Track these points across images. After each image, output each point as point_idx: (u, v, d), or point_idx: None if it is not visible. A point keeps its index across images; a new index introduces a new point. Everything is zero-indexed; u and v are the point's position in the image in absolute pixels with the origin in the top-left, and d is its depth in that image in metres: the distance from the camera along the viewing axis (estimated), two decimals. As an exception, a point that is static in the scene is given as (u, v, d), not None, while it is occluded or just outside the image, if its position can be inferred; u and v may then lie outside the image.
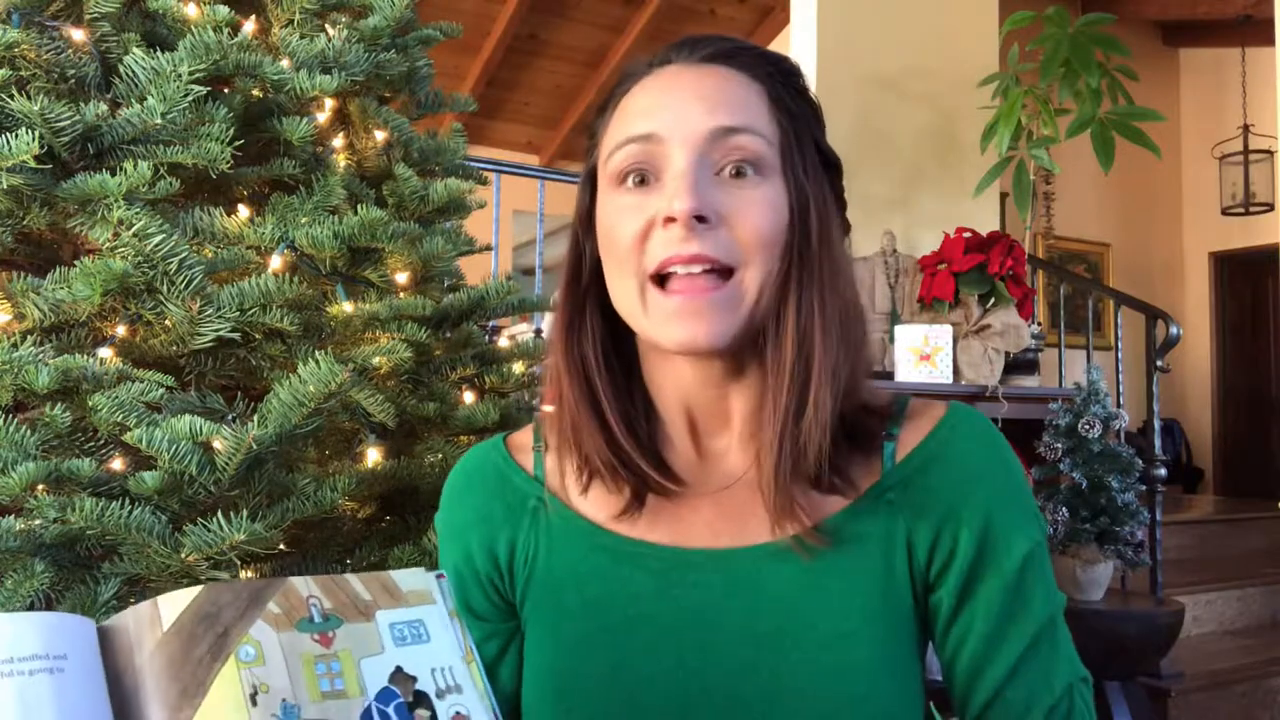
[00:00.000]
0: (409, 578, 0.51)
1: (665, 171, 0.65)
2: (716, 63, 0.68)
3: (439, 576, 0.53)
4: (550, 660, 0.70)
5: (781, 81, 0.69)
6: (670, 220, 0.63)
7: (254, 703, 0.41)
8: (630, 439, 0.68)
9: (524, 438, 0.77)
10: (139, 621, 0.43)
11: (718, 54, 0.68)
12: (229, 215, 1.30)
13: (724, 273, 0.64)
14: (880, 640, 0.65)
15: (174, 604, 0.44)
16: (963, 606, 0.66)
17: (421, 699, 0.47)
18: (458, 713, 0.47)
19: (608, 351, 0.70)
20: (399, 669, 0.47)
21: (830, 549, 0.66)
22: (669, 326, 0.64)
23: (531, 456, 0.76)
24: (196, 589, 0.44)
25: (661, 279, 0.64)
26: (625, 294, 0.66)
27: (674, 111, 0.65)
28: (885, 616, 0.66)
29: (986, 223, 3.67)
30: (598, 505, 0.71)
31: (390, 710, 0.45)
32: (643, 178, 0.66)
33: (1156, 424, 3.27)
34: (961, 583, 0.66)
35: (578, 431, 0.69)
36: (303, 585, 0.47)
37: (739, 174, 0.65)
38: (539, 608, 0.71)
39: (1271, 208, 5.99)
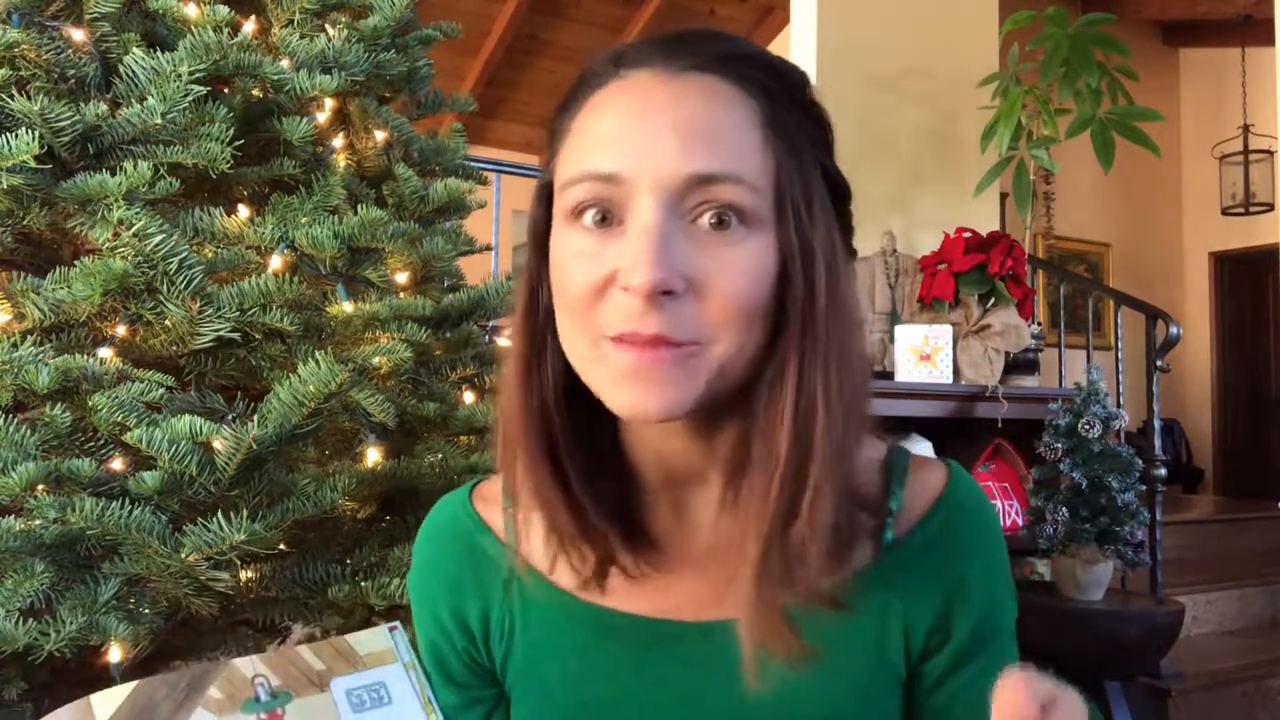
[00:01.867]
0: (366, 639, 0.50)
1: (629, 217, 0.54)
2: (702, 74, 0.55)
3: (392, 629, 0.52)
4: None
5: (784, 97, 0.57)
6: (629, 289, 0.52)
7: None
8: (593, 501, 0.60)
9: (493, 489, 0.70)
10: None
11: (705, 63, 0.56)
12: (229, 215, 1.30)
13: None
14: (871, 713, 0.63)
15: (108, 702, 0.43)
16: (953, 675, 0.64)
17: None
18: None
19: (570, 398, 0.60)
20: None
21: (825, 627, 0.60)
22: (617, 391, 0.54)
23: (501, 516, 0.69)
24: (131, 685, 0.44)
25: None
26: (574, 347, 0.57)
27: (643, 146, 0.53)
28: (876, 694, 0.63)
29: (986, 223, 3.67)
30: (567, 573, 0.64)
31: None
32: (604, 216, 0.55)
33: (1156, 424, 3.27)
34: (955, 657, 0.63)
35: (536, 493, 0.60)
36: (247, 665, 0.46)
37: (720, 224, 0.53)
38: (520, 681, 0.67)
39: (1271, 208, 5.99)
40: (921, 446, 2.77)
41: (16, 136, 1.12)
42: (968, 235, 3.06)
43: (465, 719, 0.68)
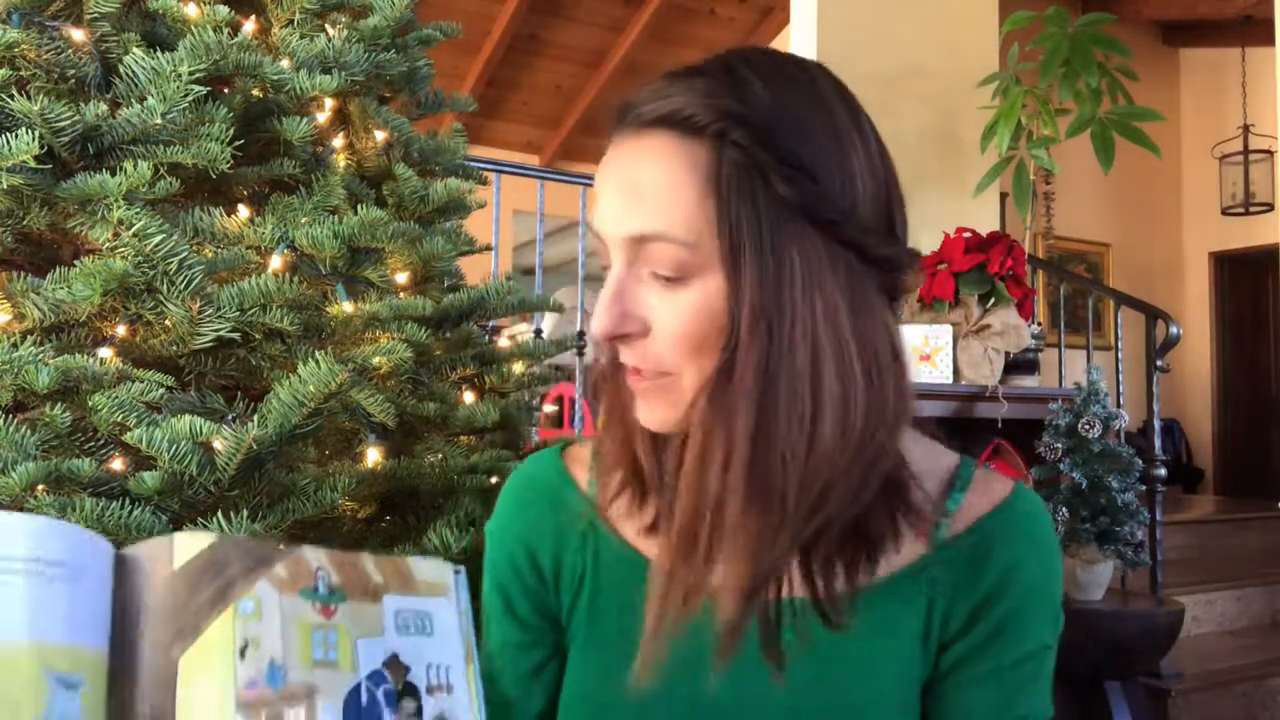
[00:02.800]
0: (426, 567, 0.51)
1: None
2: (653, 129, 0.59)
3: (456, 572, 0.53)
4: (582, 687, 0.69)
5: (754, 140, 0.56)
6: None
7: (242, 655, 0.42)
8: (668, 493, 0.66)
9: (583, 453, 0.75)
10: (152, 557, 0.44)
11: (658, 117, 0.59)
12: (229, 215, 1.30)
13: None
14: (910, 700, 0.66)
15: (188, 547, 0.45)
16: (953, 674, 0.66)
17: (410, 690, 0.47)
18: (441, 715, 0.47)
19: None
20: (395, 656, 0.47)
21: (867, 621, 0.64)
22: (637, 406, 0.64)
23: (587, 473, 0.74)
24: (212, 536, 0.46)
25: None
26: None
27: (603, 207, 0.61)
28: (915, 678, 0.66)
29: (986, 223, 3.67)
30: (647, 544, 0.69)
31: (379, 694, 0.45)
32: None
33: (1156, 424, 3.27)
34: (972, 647, 0.65)
35: (623, 482, 0.68)
36: (314, 557, 0.47)
37: (662, 274, 0.59)
38: (583, 630, 0.70)
39: (1271, 208, 5.99)
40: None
41: (16, 136, 1.12)
42: (968, 235, 3.06)
43: (524, 657, 0.72)
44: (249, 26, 1.41)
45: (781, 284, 0.57)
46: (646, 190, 0.58)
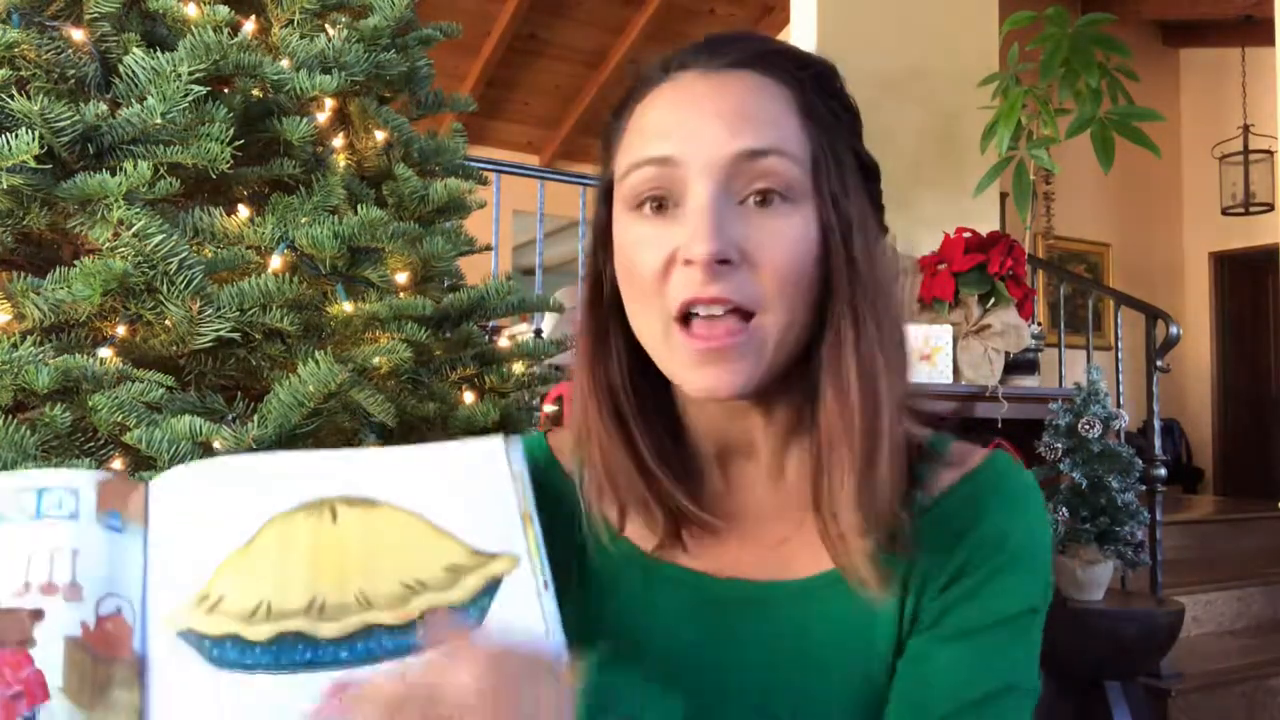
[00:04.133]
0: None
1: (685, 200, 0.60)
2: (740, 69, 0.62)
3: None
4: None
5: (815, 86, 0.63)
6: (691, 262, 0.59)
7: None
8: (665, 471, 0.65)
9: (565, 442, 0.74)
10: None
11: (741, 59, 0.62)
12: (229, 215, 1.30)
13: (746, 315, 0.60)
14: (886, 676, 0.64)
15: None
16: (925, 633, 0.63)
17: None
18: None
19: (635, 377, 0.66)
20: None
21: (820, 603, 0.64)
22: (692, 373, 0.61)
23: (574, 461, 0.72)
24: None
25: (685, 317, 0.60)
26: (648, 331, 0.63)
27: (693, 132, 0.60)
28: (893, 650, 0.64)
29: (986, 223, 3.67)
30: (635, 535, 0.68)
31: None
32: (660, 203, 0.61)
33: (1156, 424, 3.27)
34: (939, 610, 0.63)
35: (609, 465, 0.66)
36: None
37: (764, 202, 0.60)
38: (571, 621, 0.68)
39: (1271, 208, 5.99)
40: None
41: (16, 136, 1.12)
42: (968, 235, 3.06)
43: None
44: (249, 26, 1.41)
45: (864, 219, 0.62)
46: (754, 112, 0.60)
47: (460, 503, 0.58)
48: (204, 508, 0.57)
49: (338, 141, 1.48)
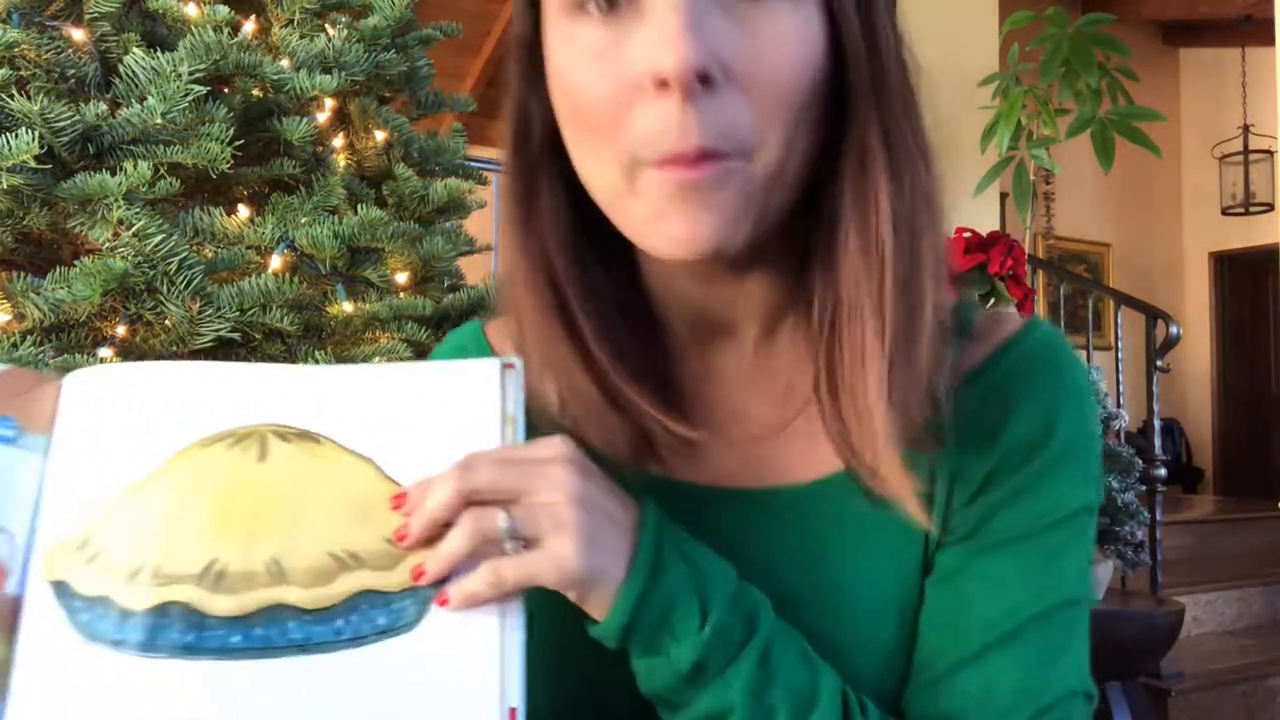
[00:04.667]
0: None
1: None
2: None
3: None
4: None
5: None
6: (663, 85, 0.42)
7: None
8: (616, 363, 0.50)
9: (505, 335, 0.61)
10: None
11: None
12: (229, 215, 1.30)
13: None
14: (911, 594, 0.53)
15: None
16: (967, 540, 0.51)
17: None
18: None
19: (577, 240, 0.51)
20: None
21: (839, 506, 0.52)
22: (657, 226, 0.45)
23: (511, 343, 0.56)
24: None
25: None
26: (601, 183, 0.47)
27: None
28: (920, 567, 0.53)
29: (986, 223, 3.67)
30: (599, 441, 0.52)
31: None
32: (611, 0, 0.44)
33: (1156, 424, 3.27)
34: (977, 517, 0.51)
35: (550, 358, 0.51)
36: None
37: None
38: None
39: (1271, 208, 5.99)
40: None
41: (16, 136, 1.12)
42: (968, 235, 3.06)
43: None
44: (249, 26, 1.41)
45: (889, 9, 0.48)
46: None
47: (427, 450, 0.44)
48: (113, 421, 0.45)
49: (338, 141, 1.48)
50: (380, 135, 1.50)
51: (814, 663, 0.49)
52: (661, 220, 0.45)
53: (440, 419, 0.46)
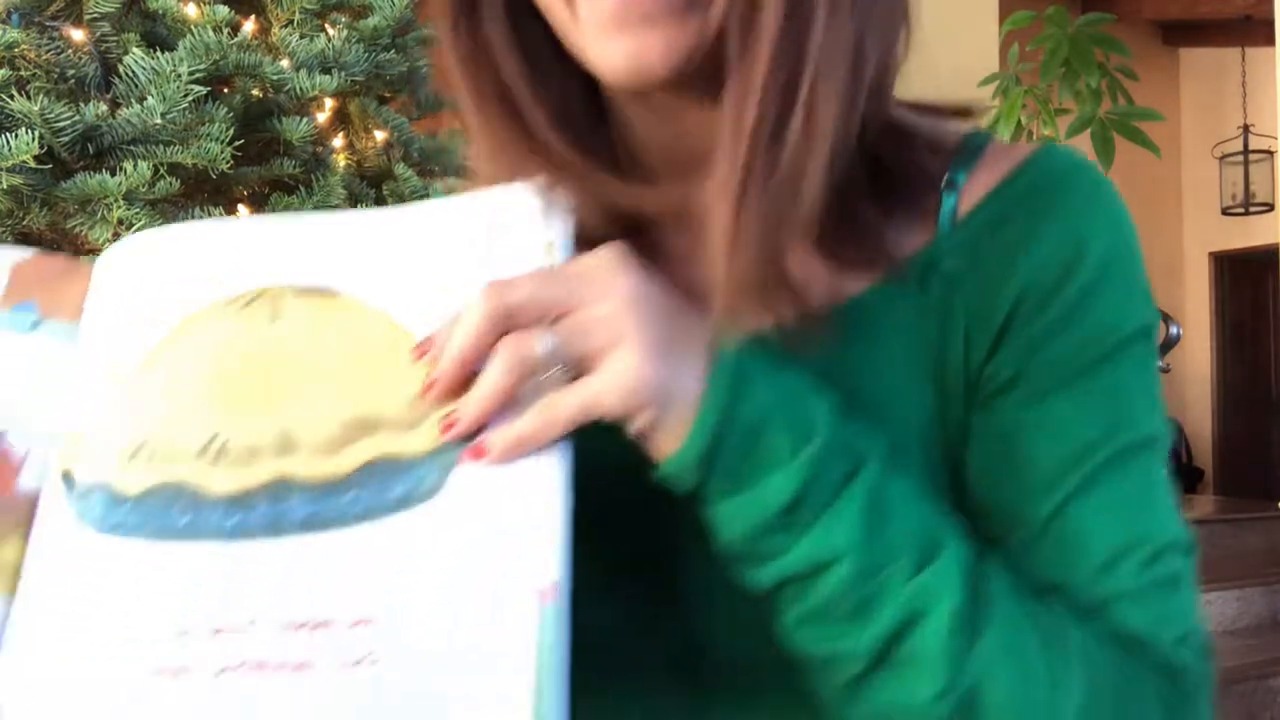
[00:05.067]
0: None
1: None
2: None
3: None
4: None
5: None
6: None
7: None
8: (586, 157, 0.45)
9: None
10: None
11: None
12: (229, 215, 1.30)
13: None
14: (917, 470, 0.44)
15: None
16: (1011, 391, 0.44)
17: None
18: None
19: (529, 59, 0.46)
20: None
21: (853, 343, 0.44)
22: (603, 43, 0.41)
23: None
24: None
25: None
26: (549, 6, 0.43)
27: None
28: (925, 437, 0.45)
29: (986, 223, 3.67)
30: None
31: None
32: None
33: (1156, 424, 3.27)
34: (1015, 362, 0.44)
35: (506, 168, 0.46)
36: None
37: None
38: None
39: (1271, 208, 5.99)
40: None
41: (16, 136, 1.12)
42: (968, 235, 3.06)
43: None
44: (249, 26, 1.41)
45: None
46: None
47: (459, 295, 0.39)
48: (133, 294, 0.42)
49: (338, 141, 1.48)
50: (380, 135, 1.50)
51: (931, 500, 0.41)
52: (604, 41, 0.41)
53: (472, 257, 0.40)
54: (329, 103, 1.45)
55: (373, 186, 1.50)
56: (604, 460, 0.38)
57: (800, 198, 0.41)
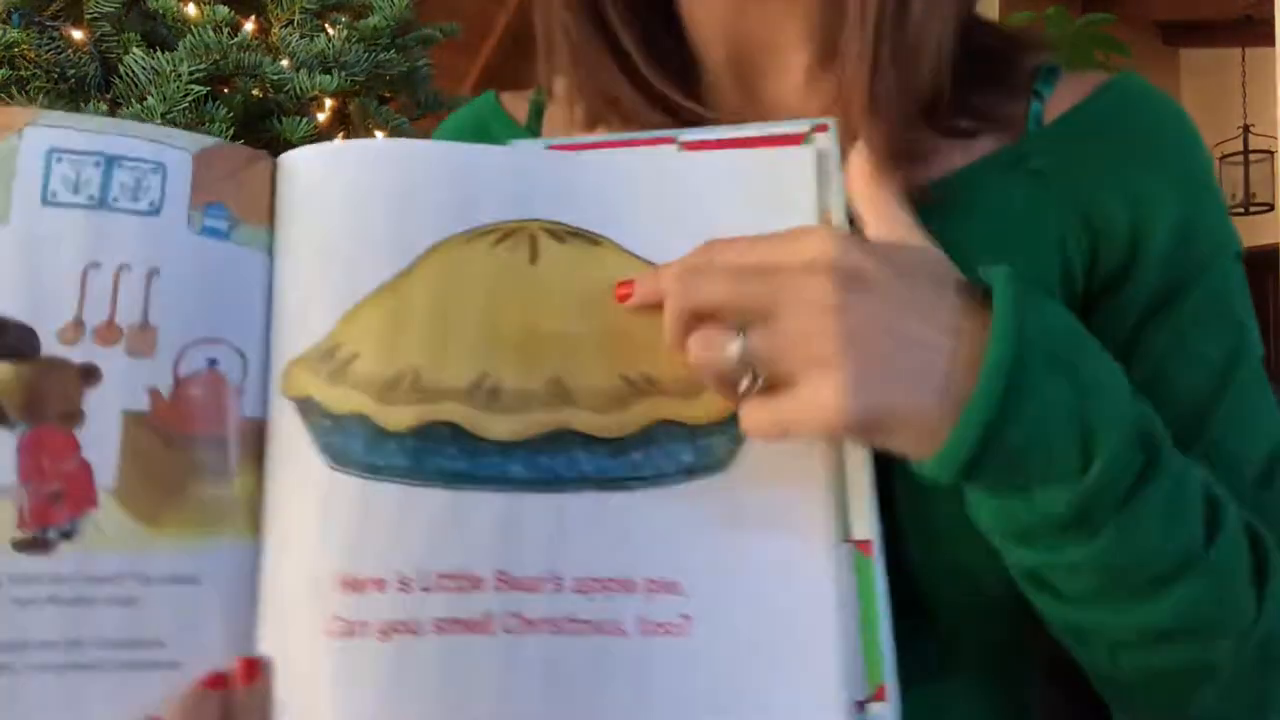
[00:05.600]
0: None
1: None
2: None
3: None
4: None
5: None
6: None
7: None
8: (652, 65, 0.47)
9: (526, 93, 0.59)
10: None
11: None
12: (229, 215, 1.30)
13: None
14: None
15: None
16: (1159, 320, 0.45)
17: None
18: None
19: None
20: None
21: (951, 215, 0.43)
22: None
23: (527, 106, 0.57)
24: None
25: None
26: None
27: None
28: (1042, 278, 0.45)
29: (986, 223, 3.67)
30: None
31: None
32: None
33: (1156, 424, 3.27)
34: (1154, 286, 0.45)
35: (580, 66, 0.48)
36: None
37: None
38: None
39: (1271, 208, 5.99)
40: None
41: (16, 136, 1.12)
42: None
43: None
44: (249, 26, 1.41)
45: None
46: None
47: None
48: (347, 209, 0.38)
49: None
50: (380, 135, 1.50)
51: (1199, 471, 0.39)
52: None
53: (749, 218, 0.37)
54: (329, 103, 1.45)
55: (373, 186, 1.50)
56: None
57: (923, 67, 0.42)
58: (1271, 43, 3.88)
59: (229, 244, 0.38)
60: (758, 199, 0.38)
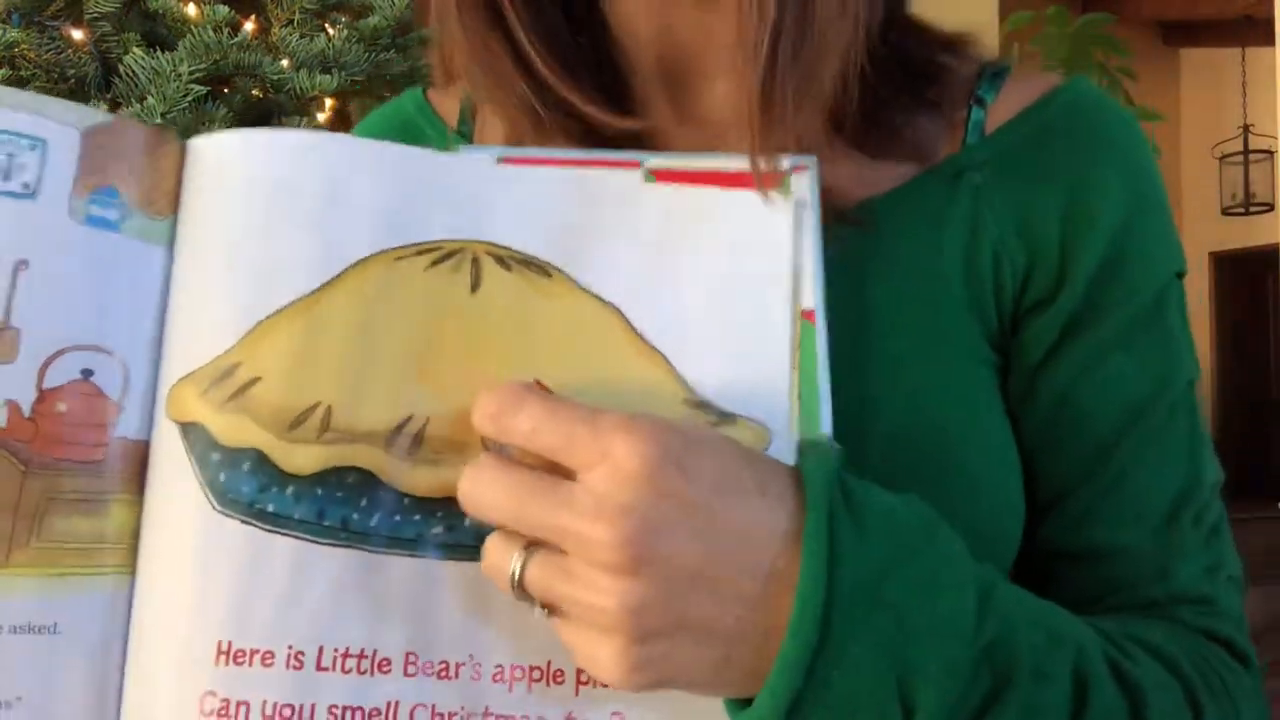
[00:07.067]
0: None
1: None
2: None
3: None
4: None
5: None
6: None
7: None
8: (553, 60, 0.42)
9: (450, 103, 0.53)
10: None
11: None
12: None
13: None
14: (956, 378, 0.43)
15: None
16: (1072, 340, 0.43)
17: None
18: None
19: None
20: None
21: (874, 236, 0.42)
22: None
23: (458, 107, 0.51)
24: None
25: None
26: None
27: None
28: (959, 345, 0.43)
29: (986, 223, 3.67)
30: None
31: None
32: None
33: (1156, 424, 3.27)
34: (1073, 312, 0.43)
35: (478, 65, 0.43)
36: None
37: None
38: None
39: (1271, 208, 6.00)
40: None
41: (16, 136, 1.12)
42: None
43: None
44: (249, 26, 1.41)
45: None
46: None
47: (687, 302, 0.33)
48: (264, 208, 0.32)
49: (338, 141, 1.48)
50: (380, 135, 1.51)
51: (1064, 648, 0.36)
52: None
53: (717, 261, 0.34)
54: (329, 103, 1.45)
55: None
56: None
57: (825, 70, 0.39)
58: (1271, 43, 3.88)
59: (119, 236, 0.32)
60: (732, 248, 0.34)
